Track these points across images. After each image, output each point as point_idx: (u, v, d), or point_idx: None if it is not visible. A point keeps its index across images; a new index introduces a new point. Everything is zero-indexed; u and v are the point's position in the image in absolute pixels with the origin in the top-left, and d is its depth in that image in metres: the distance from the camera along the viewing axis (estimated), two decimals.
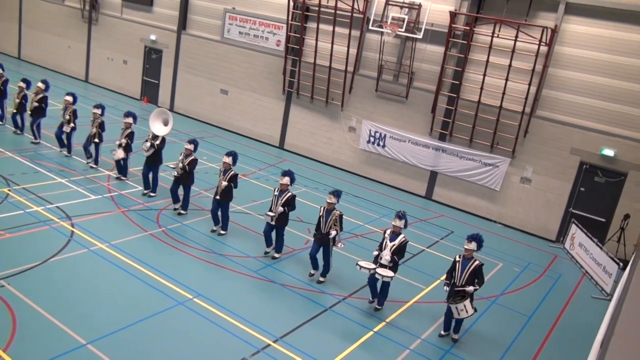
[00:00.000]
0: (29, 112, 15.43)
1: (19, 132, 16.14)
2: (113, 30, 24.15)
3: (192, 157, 12.33)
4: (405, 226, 9.73)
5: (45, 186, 12.78)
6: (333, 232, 10.24)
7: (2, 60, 21.07)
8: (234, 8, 20.32)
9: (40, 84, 15.43)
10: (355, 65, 17.77)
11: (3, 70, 16.71)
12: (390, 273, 9.42)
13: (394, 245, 9.56)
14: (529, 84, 14.82)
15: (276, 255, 11.30)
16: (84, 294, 8.88)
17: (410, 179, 17.40)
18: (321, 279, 10.60)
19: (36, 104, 15.25)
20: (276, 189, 11.09)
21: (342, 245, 10.60)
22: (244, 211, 13.46)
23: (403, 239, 9.64)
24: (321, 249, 10.41)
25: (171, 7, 22.06)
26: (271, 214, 10.88)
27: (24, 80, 15.96)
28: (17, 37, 28.20)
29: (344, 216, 10.67)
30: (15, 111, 15.96)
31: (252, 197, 14.36)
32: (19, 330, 7.66)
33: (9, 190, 12.21)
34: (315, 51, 18.01)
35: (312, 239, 10.59)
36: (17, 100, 15.81)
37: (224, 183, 11.52)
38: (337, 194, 10.39)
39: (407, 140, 17.15)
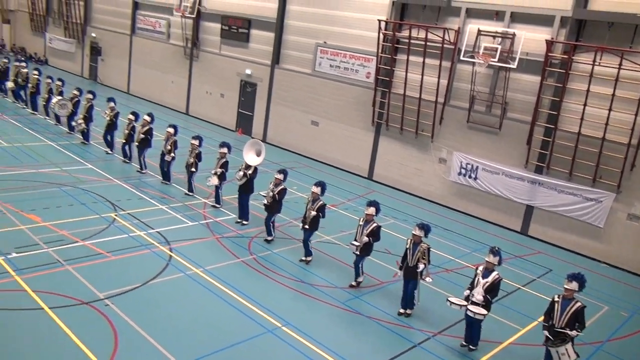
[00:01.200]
0: (136, 143, 16.57)
1: (126, 161, 17.37)
2: (212, 66, 25.57)
3: (282, 187, 12.63)
4: (500, 263, 9.33)
5: (147, 212, 13.58)
6: (421, 266, 10.02)
7: (113, 94, 22.95)
8: (325, 42, 20.86)
9: (146, 117, 16.56)
10: (446, 96, 17.56)
11: (115, 103, 18.15)
12: (482, 311, 9.03)
13: (486, 282, 9.17)
14: (636, 114, 13.90)
15: (352, 283, 11.25)
16: (179, 316, 9.26)
17: (504, 213, 16.72)
18: (408, 311, 10.37)
19: (142, 136, 16.35)
20: (361, 219, 11.08)
21: (431, 280, 10.34)
22: (332, 241, 13.53)
23: (497, 276, 9.23)
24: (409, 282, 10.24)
25: (266, 43, 23.04)
26: (356, 243, 10.86)
27: (133, 113, 17.23)
28: (126, 74, 30.61)
29: (432, 249, 10.43)
30: (124, 141, 17.23)
31: (341, 227, 14.42)
32: (120, 347, 8.10)
33: (116, 215, 13.10)
34: (405, 83, 18.01)
35: (400, 272, 10.42)
36: (126, 132, 17.07)
37: (313, 213, 11.68)
38: (424, 227, 10.18)
39: (501, 173, 16.56)
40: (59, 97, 20.01)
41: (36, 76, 22.27)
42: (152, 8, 28.65)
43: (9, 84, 23.65)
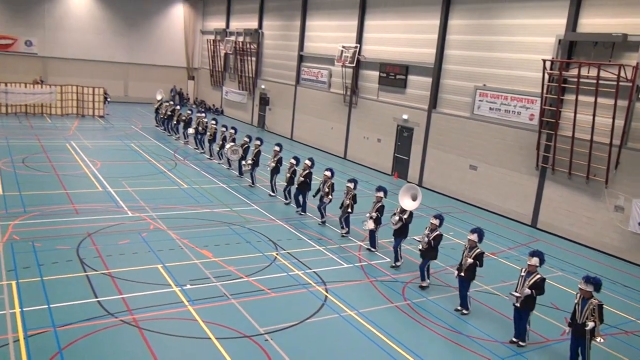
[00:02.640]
0: (297, 186, 17.50)
1: (287, 202, 18.40)
2: (369, 112, 26.31)
3: (438, 232, 12.36)
4: None
5: (305, 252, 14.16)
6: (590, 324, 9.03)
7: (279, 140, 24.69)
8: (484, 85, 20.37)
9: (307, 161, 17.45)
10: (623, 137, 15.98)
11: (281, 149, 19.44)
12: None
13: None
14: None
15: (521, 343, 10.39)
16: (333, 356, 9.38)
17: None
18: None
19: (302, 179, 17.24)
20: (523, 269, 10.36)
21: (602, 340, 9.26)
22: (490, 291, 12.82)
23: None
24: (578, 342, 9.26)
25: (423, 88, 23.17)
26: (516, 294, 10.16)
27: (294, 158, 18.28)
28: (290, 121, 32.75)
29: (605, 306, 9.37)
30: (286, 184, 18.31)
31: (501, 277, 13.63)
32: None
33: (277, 253, 13.85)
34: (574, 124, 16.78)
35: (568, 330, 9.49)
36: (288, 175, 18.14)
37: (470, 260, 11.23)
38: (592, 280, 9.19)
39: None
40: (232, 144, 22.00)
41: (214, 125, 24.85)
42: (315, 60, 30.53)
43: (190, 130, 26.67)
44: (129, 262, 12.44)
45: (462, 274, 11.34)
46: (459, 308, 11.62)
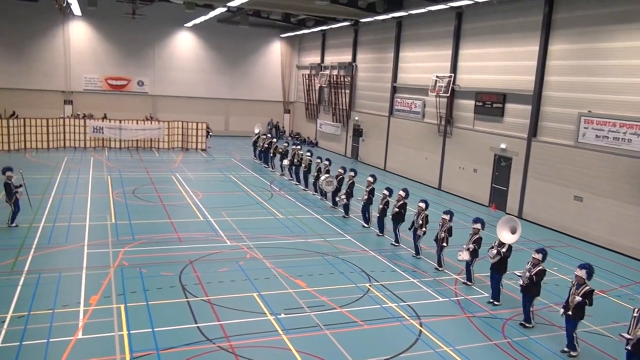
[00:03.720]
0: (391, 217, 17.35)
1: (380, 234, 18.27)
2: (465, 141, 25.71)
3: (540, 267, 11.69)
4: None
5: (399, 284, 13.92)
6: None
7: (372, 171, 24.74)
8: (589, 111, 19.26)
9: (401, 192, 17.30)
10: None
11: (374, 180, 19.42)
12: None
13: None
14: None
15: None
16: None
17: None
18: None
19: (397, 210, 17.07)
20: (636, 310, 9.49)
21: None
22: (601, 332, 11.85)
23: None
24: None
25: (521, 116, 22.32)
26: (628, 336, 9.30)
27: (387, 189, 18.19)
28: (383, 152, 32.73)
29: None
30: (378, 215, 18.22)
31: (612, 317, 12.58)
32: None
33: (370, 285, 13.73)
34: None
35: None
36: (381, 206, 18.05)
37: (577, 298, 10.49)
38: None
39: None
40: (327, 175, 22.32)
41: (308, 157, 25.40)
42: (408, 90, 30.49)
43: (285, 162, 27.44)
44: (227, 290, 12.88)
45: (570, 312, 10.61)
46: (566, 349, 10.83)
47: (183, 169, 28.81)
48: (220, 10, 34.34)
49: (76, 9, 36.44)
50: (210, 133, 38.05)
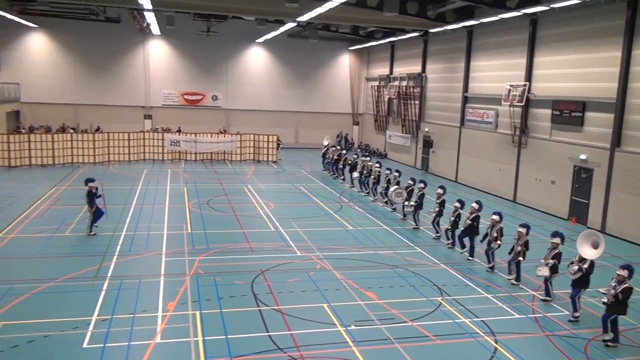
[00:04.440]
0: (463, 229, 16.93)
1: (450, 246, 17.85)
2: (541, 152, 24.72)
3: (626, 285, 11.00)
4: None
5: (472, 299, 13.51)
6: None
7: (443, 182, 24.20)
8: None
9: (474, 204, 16.85)
10: None
11: (444, 191, 19.07)
12: None
13: None
14: None
15: None
16: None
17: None
18: None
19: (469, 222, 16.64)
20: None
21: None
22: None
23: None
24: None
25: (603, 125, 21.22)
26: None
27: (459, 201, 17.77)
28: (455, 163, 32.06)
29: None
30: (449, 227, 17.82)
31: None
32: None
33: (442, 299, 13.42)
34: None
35: None
36: (452, 219, 17.65)
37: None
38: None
39: None
40: (396, 187, 22.11)
41: (377, 168, 25.29)
42: (480, 100, 29.77)
43: (355, 174, 27.44)
44: (297, 300, 12.99)
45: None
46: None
47: (255, 181, 29.46)
48: (290, 25, 35.07)
49: (155, 28, 38.41)
50: (281, 145, 38.74)
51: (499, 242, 15.33)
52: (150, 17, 34.10)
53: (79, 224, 18.75)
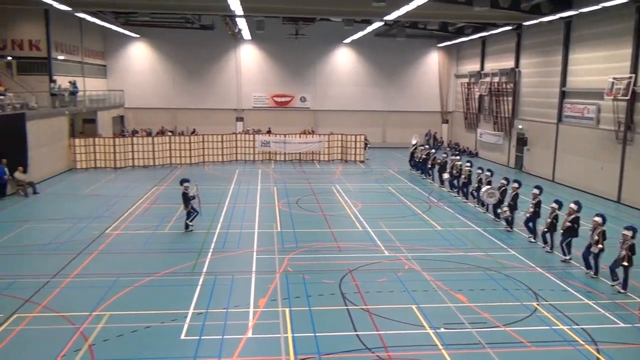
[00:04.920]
0: (561, 231, 16.04)
1: (548, 249, 16.97)
2: None
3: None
4: None
5: (571, 305, 12.78)
6: None
7: (539, 182, 23.03)
8: None
9: (572, 205, 15.91)
10: None
11: (540, 192, 18.13)
12: None
13: None
14: None
15: None
16: None
17: None
18: None
19: (568, 224, 15.73)
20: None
21: None
22: None
23: None
24: None
25: None
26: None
27: (556, 202, 16.82)
28: (551, 162, 30.45)
29: None
30: (546, 230, 16.93)
31: None
32: None
33: (538, 304, 12.81)
34: None
35: None
36: (549, 220, 16.76)
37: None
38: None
39: None
40: (488, 187, 21.37)
41: (468, 167, 24.56)
42: (579, 95, 28.09)
43: (445, 175, 26.79)
44: (385, 300, 12.92)
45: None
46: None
47: (342, 180, 29.63)
48: (377, 24, 34.92)
49: (246, 33, 39.77)
50: (368, 145, 38.70)
51: (600, 245, 14.37)
52: (242, 23, 35.34)
53: (176, 222, 19.79)
